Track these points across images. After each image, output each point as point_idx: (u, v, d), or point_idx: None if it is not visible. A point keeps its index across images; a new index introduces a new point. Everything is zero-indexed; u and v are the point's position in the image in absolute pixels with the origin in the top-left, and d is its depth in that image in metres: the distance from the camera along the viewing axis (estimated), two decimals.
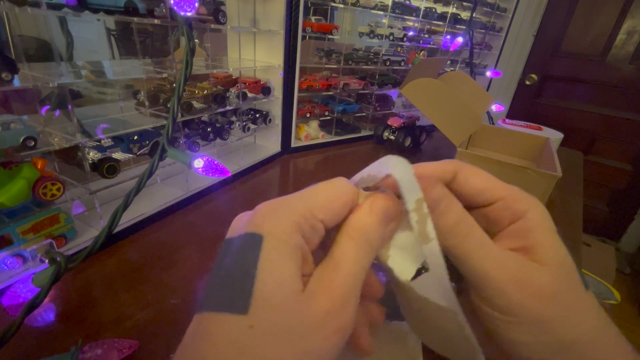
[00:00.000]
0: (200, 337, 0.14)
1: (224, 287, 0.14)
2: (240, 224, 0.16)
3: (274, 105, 0.77)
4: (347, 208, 0.17)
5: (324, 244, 0.17)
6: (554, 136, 0.95)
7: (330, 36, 0.81)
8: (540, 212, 0.18)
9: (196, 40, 0.44)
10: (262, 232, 0.15)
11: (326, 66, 0.88)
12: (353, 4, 0.82)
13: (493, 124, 1.06)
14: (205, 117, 0.69)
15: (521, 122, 1.04)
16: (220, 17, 0.56)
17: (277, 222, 0.15)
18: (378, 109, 1.00)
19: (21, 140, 0.36)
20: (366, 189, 0.19)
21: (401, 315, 0.35)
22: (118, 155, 0.49)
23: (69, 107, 0.40)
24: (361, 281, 0.16)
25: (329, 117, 0.90)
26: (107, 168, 0.46)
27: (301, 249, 0.15)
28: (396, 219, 0.17)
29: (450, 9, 1.06)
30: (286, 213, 0.15)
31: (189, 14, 0.41)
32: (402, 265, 0.18)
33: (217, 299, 0.14)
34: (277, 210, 0.16)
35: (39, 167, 0.39)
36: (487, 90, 1.39)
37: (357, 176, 0.20)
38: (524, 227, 0.17)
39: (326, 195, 0.17)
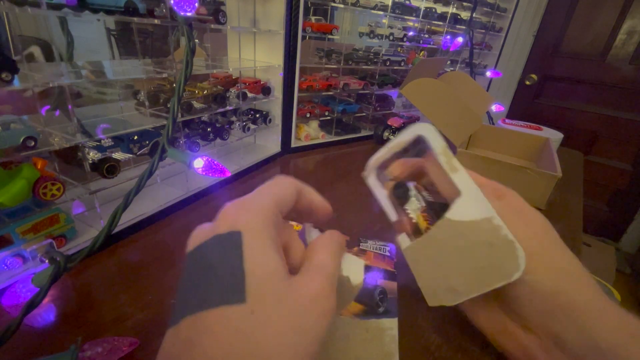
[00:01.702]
0: (198, 337, 0.14)
1: (211, 286, 0.15)
2: (204, 233, 0.17)
3: (274, 105, 0.77)
4: (294, 198, 0.20)
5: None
6: (554, 136, 0.95)
7: (330, 36, 0.81)
8: (515, 193, 0.24)
9: (196, 40, 0.44)
10: (239, 229, 0.16)
11: (326, 66, 0.88)
12: (353, 4, 0.82)
13: (493, 124, 1.06)
14: (205, 117, 0.69)
15: (521, 122, 1.04)
16: (220, 17, 0.56)
17: (251, 219, 0.16)
18: (378, 109, 1.00)
19: (21, 140, 0.36)
20: (383, 166, 0.25)
21: (378, 313, 0.36)
22: (118, 155, 0.49)
23: (69, 107, 0.40)
24: (335, 284, 0.18)
25: (329, 117, 0.90)
26: (107, 168, 0.46)
27: (279, 240, 0.17)
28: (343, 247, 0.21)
29: (450, 9, 1.06)
30: (257, 209, 0.17)
31: (189, 14, 0.41)
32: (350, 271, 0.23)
33: (208, 298, 0.14)
34: (247, 208, 0.17)
35: (39, 167, 0.39)
36: (487, 90, 1.39)
37: (383, 150, 0.25)
38: (507, 203, 0.23)
39: (280, 191, 0.19)
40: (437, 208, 0.23)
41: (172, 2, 0.39)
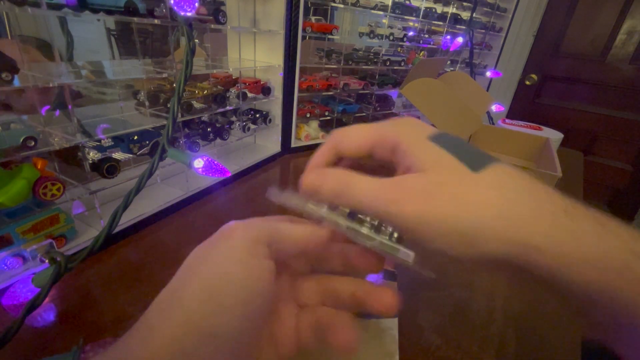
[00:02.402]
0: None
1: None
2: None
3: (274, 105, 0.77)
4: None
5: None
6: (554, 136, 0.95)
7: (330, 36, 0.81)
8: (406, 137, 0.20)
9: (196, 40, 0.44)
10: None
11: (326, 66, 0.88)
12: (353, 4, 0.82)
13: (493, 124, 1.06)
14: (205, 117, 0.69)
15: (521, 122, 1.04)
16: (220, 17, 0.56)
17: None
18: (378, 109, 1.00)
19: (21, 140, 0.36)
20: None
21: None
22: (118, 155, 0.49)
23: (69, 107, 0.40)
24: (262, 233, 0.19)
25: (329, 117, 0.90)
26: (107, 168, 0.46)
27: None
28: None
29: (450, 9, 1.06)
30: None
31: (189, 14, 0.41)
32: None
33: None
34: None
35: (39, 167, 0.39)
36: (487, 90, 1.39)
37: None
38: (401, 155, 0.19)
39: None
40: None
41: (172, 2, 0.39)
